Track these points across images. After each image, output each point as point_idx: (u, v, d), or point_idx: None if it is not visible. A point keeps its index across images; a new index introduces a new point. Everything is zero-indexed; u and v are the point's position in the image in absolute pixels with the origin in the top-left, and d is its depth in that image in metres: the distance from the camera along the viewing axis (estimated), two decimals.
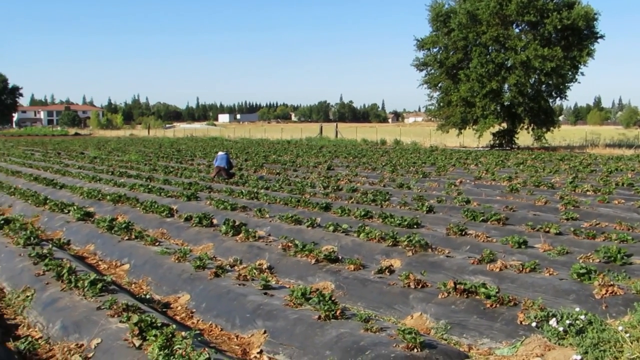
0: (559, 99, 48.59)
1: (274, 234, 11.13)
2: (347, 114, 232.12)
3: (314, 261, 8.78)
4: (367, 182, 20.47)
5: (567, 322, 5.69)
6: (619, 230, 10.71)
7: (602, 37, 45.32)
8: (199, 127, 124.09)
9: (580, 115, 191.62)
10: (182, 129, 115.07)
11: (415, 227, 11.22)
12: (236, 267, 8.80)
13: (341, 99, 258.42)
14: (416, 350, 5.25)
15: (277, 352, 6.02)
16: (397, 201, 15.09)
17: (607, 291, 6.67)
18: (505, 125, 48.31)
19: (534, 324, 5.90)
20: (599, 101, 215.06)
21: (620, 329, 5.41)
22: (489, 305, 6.47)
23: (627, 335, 5.29)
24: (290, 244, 9.56)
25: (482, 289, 6.68)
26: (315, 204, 13.82)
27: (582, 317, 5.76)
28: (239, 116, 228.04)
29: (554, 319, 5.80)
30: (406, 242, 9.35)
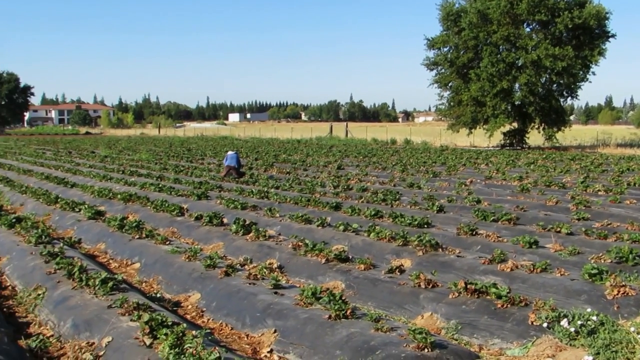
0: (570, 98, 48.47)
1: (284, 233, 11.14)
2: (357, 113, 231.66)
3: (324, 261, 8.78)
4: (378, 182, 20.44)
5: (579, 322, 5.67)
6: (630, 230, 10.66)
7: (613, 36, 45.05)
8: (209, 127, 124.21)
9: (591, 114, 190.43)
10: (193, 128, 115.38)
11: (425, 226, 11.20)
12: (246, 266, 8.82)
13: (351, 98, 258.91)
14: (427, 350, 5.24)
15: (287, 352, 6.03)
16: (408, 201, 15.06)
17: (619, 292, 6.64)
18: (515, 124, 48.15)
19: (545, 325, 5.88)
20: (610, 101, 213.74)
21: (632, 329, 5.40)
22: (499, 305, 6.45)
23: (639, 336, 5.26)
24: (300, 244, 9.56)
25: (493, 289, 6.66)
26: (325, 204, 13.82)
27: (594, 317, 5.74)
28: (249, 115, 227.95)
29: (566, 320, 5.78)
30: (416, 242, 9.33)
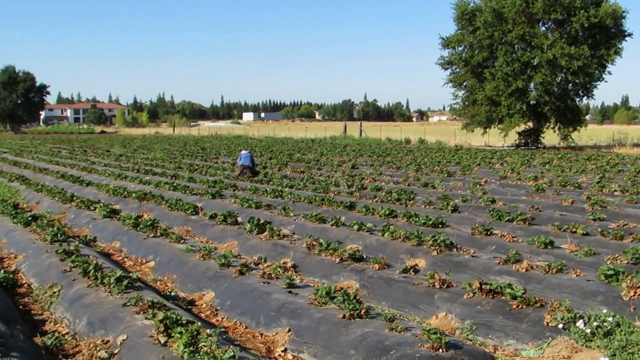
0: (585, 97, 48.04)
1: (298, 233, 11.15)
2: (371, 112, 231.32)
3: (338, 260, 8.77)
4: (392, 181, 20.40)
5: (595, 323, 5.63)
6: None
7: (630, 35, 44.61)
8: (223, 126, 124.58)
9: (607, 114, 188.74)
10: (207, 127, 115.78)
11: (440, 226, 11.16)
12: (260, 265, 8.83)
13: (365, 97, 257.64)
14: (441, 350, 5.22)
15: (301, 351, 6.03)
16: (422, 200, 15.02)
17: (636, 293, 6.58)
18: (530, 124, 47.82)
19: (560, 326, 5.85)
20: (626, 100, 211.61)
21: None
22: (515, 306, 6.42)
23: None
24: (314, 243, 9.56)
25: (508, 290, 6.62)
26: (339, 203, 13.81)
27: (610, 319, 5.69)
28: (263, 115, 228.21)
29: (581, 321, 5.74)
30: (431, 242, 9.30)
